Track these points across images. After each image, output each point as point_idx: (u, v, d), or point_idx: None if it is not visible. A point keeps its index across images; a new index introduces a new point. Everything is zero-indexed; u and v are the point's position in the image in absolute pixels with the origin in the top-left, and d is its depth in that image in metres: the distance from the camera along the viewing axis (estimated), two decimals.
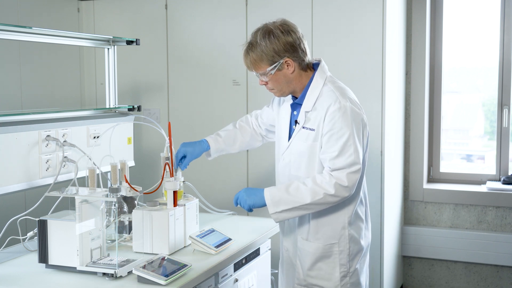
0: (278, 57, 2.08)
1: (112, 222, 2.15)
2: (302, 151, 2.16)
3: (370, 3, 3.39)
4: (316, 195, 2.05)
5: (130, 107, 2.88)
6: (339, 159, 2.06)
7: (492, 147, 4.06)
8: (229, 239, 2.29)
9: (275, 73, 2.11)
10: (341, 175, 2.05)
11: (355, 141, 2.07)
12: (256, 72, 2.15)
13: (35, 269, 2.01)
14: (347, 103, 2.09)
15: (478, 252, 3.88)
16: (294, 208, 2.09)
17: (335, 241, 2.18)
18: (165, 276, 1.85)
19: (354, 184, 2.07)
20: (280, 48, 2.08)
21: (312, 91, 2.15)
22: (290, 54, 2.10)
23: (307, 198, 2.06)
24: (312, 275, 2.21)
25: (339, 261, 2.18)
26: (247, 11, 3.71)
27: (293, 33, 2.11)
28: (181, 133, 3.88)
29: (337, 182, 2.04)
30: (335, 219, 2.18)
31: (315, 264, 2.20)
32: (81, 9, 4.20)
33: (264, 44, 2.07)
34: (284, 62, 2.10)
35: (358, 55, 3.44)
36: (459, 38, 4.12)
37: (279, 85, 2.15)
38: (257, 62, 2.11)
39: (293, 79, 2.15)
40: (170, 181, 2.20)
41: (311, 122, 2.14)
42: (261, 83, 2.19)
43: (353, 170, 2.05)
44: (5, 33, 2.30)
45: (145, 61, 4.02)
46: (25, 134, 2.22)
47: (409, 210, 4.11)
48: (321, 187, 2.05)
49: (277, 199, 2.11)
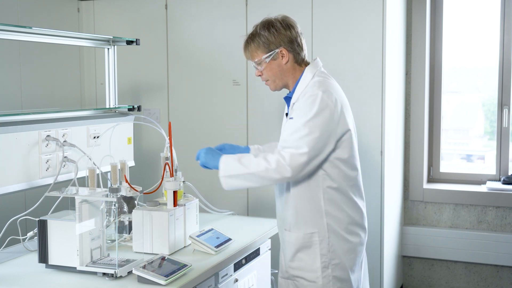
0: (274, 46, 2.19)
1: (112, 222, 2.15)
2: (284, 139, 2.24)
3: (370, 3, 3.39)
4: (259, 166, 2.10)
5: (130, 107, 2.88)
6: (290, 137, 2.12)
7: (492, 147, 4.06)
8: (229, 239, 2.29)
9: (269, 62, 2.20)
10: (285, 153, 2.09)
11: (312, 127, 2.08)
12: (252, 61, 2.24)
13: (35, 269, 2.02)
14: (319, 92, 2.12)
15: (478, 252, 3.88)
16: (239, 176, 2.13)
17: (315, 230, 2.18)
18: (165, 276, 1.86)
19: (297, 167, 2.07)
20: (277, 38, 2.19)
21: (301, 84, 2.22)
22: (286, 45, 2.20)
23: (252, 168, 2.11)
24: (294, 266, 2.22)
25: (319, 251, 2.18)
26: (247, 11, 3.71)
27: (292, 28, 2.22)
28: (181, 133, 3.88)
29: (279, 159, 2.08)
30: (313, 208, 2.19)
31: (296, 255, 2.21)
32: (81, 9, 4.20)
33: (262, 33, 2.20)
34: (279, 52, 2.19)
35: (358, 55, 3.44)
36: (459, 38, 4.12)
37: (273, 75, 2.23)
38: (254, 50, 2.21)
39: (286, 71, 2.23)
40: (170, 181, 2.20)
41: (294, 113, 2.19)
42: (257, 73, 2.27)
43: (297, 152, 2.07)
44: (5, 33, 2.30)
45: (145, 61, 4.02)
46: (25, 134, 2.22)
47: (409, 210, 4.11)
48: (265, 160, 2.10)
49: (228, 164, 2.16)
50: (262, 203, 3.71)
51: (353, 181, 2.23)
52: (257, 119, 3.74)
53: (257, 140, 3.74)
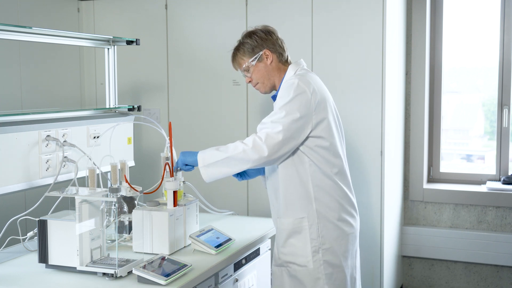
0: (258, 49, 2.33)
1: (112, 222, 2.15)
2: None
3: (370, 4, 3.39)
4: (236, 149, 2.17)
5: (130, 107, 2.88)
6: (267, 119, 2.21)
7: (492, 147, 4.06)
8: (229, 239, 2.29)
9: (256, 64, 2.34)
10: (261, 133, 2.17)
11: (288, 110, 2.17)
12: (240, 68, 2.38)
13: (35, 269, 2.02)
14: (295, 80, 2.24)
15: (478, 252, 3.88)
16: (218, 162, 2.19)
17: (304, 215, 2.25)
18: (165, 276, 1.86)
19: (273, 146, 2.14)
20: (259, 42, 2.34)
21: (285, 82, 2.33)
22: (268, 47, 2.34)
23: (229, 152, 2.18)
24: (285, 252, 2.27)
25: (309, 236, 2.24)
26: (247, 11, 3.71)
27: (272, 34, 2.38)
28: (181, 133, 3.88)
29: (256, 138, 2.15)
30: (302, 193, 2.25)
31: (287, 241, 2.27)
32: (81, 9, 4.19)
33: (246, 40, 2.36)
34: (263, 54, 2.33)
35: (358, 55, 3.44)
36: (459, 38, 4.12)
37: (261, 76, 2.35)
38: (241, 57, 2.36)
39: (272, 71, 2.35)
40: (170, 181, 2.20)
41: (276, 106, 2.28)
42: (247, 80, 2.40)
43: (273, 131, 2.15)
44: (5, 33, 2.30)
45: (145, 61, 4.02)
46: (25, 134, 2.22)
47: (409, 210, 4.11)
48: (242, 142, 2.17)
49: (206, 154, 2.22)
50: (262, 203, 3.71)
51: (337, 168, 2.30)
52: (257, 119, 3.74)
53: None
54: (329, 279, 2.23)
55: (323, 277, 2.23)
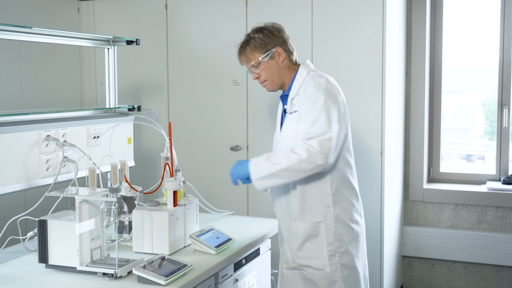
0: (271, 46, 2.30)
1: (112, 222, 2.15)
2: (290, 133, 2.29)
3: (370, 3, 3.39)
4: (290, 160, 2.15)
5: (130, 107, 2.88)
6: (311, 128, 2.18)
7: (492, 147, 4.06)
8: (229, 239, 2.29)
9: (267, 61, 2.30)
10: (313, 142, 2.15)
11: (329, 112, 2.18)
12: (249, 64, 2.32)
13: (35, 269, 2.02)
14: (322, 80, 2.24)
15: (478, 252, 3.88)
16: (273, 174, 2.19)
17: (321, 219, 2.25)
18: (165, 276, 1.86)
19: (328, 152, 2.14)
20: (272, 39, 2.31)
21: (297, 80, 2.32)
22: (281, 44, 2.32)
23: (283, 164, 2.16)
24: (301, 256, 2.28)
25: (326, 240, 2.25)
26: (247, 11, 3.71)
27: (282, 31, 2.36)
28: (181, 133, 3.88)
29: (309, 148, 2.14)
30: (319, 198, 2.26)
31: (304, 244, 2.27)
32: (81, 9, 4.20)
33: (257, 36, 2.31)
34: (276, 51, 2.30)
35: (358, 55, 3.44)
36: (459, 38, 4.12)
37: (272, 74, 2.32)
38: (251, 53, 2.31)
39: (283, 70, 2.33)
40: (170, 181, 2.20)
41: (296, 106, 2.28)
42: (254, 76, 2.35)
43: (325, 138, 2.15)
44: (5, 33, 2.30)
45: (145, 61, 4.02)
46: (25, 134, 2.22)
47: (409, 210, 4.11)
48: (295, 153, 2.15)
49: (258, 166, 2.22)
50: (262, 203, 3.71)
51: (352, 168, 2.33)
52: (257, 119, 3.74)
53: (257, 140, 3.74)
54: (345, 282, 2.25)
55: (340, 280, 2.25)
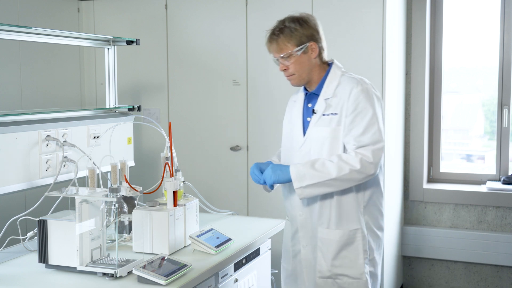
0: (306, 39, 2.20)
1: (112, 222, 2.15)
2: (325, 137, 2.19)
3: (370, 3, 3.39)
4: (342, 170, 2.08)
5: (130, 107, 2.88)
6: (364, 136, 2.12)
7: (492, 147, 4.06)
8: (229, 239, 2.29)
9: (300, 55, 2.19)
10: (366, 151, 2.09)
11: (378, 120, 2.14)
12: (280, 54, 2.20)
13: (35, 269, 2.01)
14: (368, 86, 2.19)
15: (478, 252, 3.88)
16: (319, 184, 2.11)
17: (358, 227, 2.20)
18: (165, 276, 1.86)
19: (379, 161, 2.11)
20: (309, 32, 2.21)
21: (331, 80, 2.24)
22: (316, 40, 2.23)
23: (332, 173, 2.09)
24: (337, 265, 2.21)
25: (362, 247, 2.19)
26: (247, 11, 3.71)
27: (318, 25, 2.27)
28: (181, 133, 3.88)
29: (363, 158, 2.08)
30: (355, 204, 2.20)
31: (340, 253, 2.20)
32: (81, 9, 4.20)
33: (294, 26, 2.20)
34: (310, 46, 2.20)
35: (358, 55, 3.44)
36: (459, 38, 4.12)
37: (301, 69, 2.21)
38: (284, 43, 2.19)
39: (314, 66, 2.24)
40: (170, 181, 2.20)
41: (333, 108, 2.19)
42: (282, 68, 2.23)
43: (377, 147, 2.11)
44: (5, 33, 2.30)
45: (145, 61, 4.02)
46: (25, 134, 2.22)
47: (409, 210, 4.11)
48: (347, 163, 2.09)
49: (302, 173, 2.13)
50: (262, 203, 3.71)
51: (383, 175, 2.30)
52: (257, 119, 3.74)
53: (257, 140, 3.74)
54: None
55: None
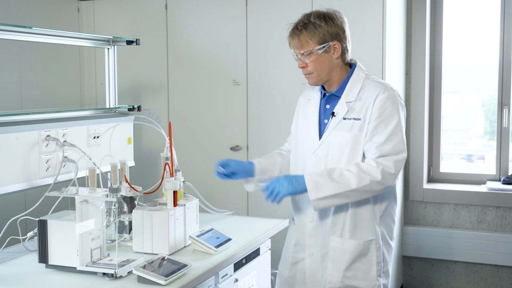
0: (330, 37, 2.08)
1: (112, 222, 2.15)
2: (345, 142, 2.09)
3: (370, 3, 3.39)
4: (362, 181, 2.00)
5: (130, 107, 2.88)
6: (387, 145, 2.03)
7: (492, 147, 4.06)
8: (229, 239, 2.29)
9: (321, 54, 2.08)
10: (388, 162, 2.02)
11: (402, 130, 2.07)
12: (300, 50, 2.10)
13: (35, 269, 2.01)
14: (395, 92, 2.11)
15: (478, 252, 3.88)
16: (337, 195, 2.02)
17: (373, 237, 2.12)
18: (165, 276, 1.85)
19: (399, 173, 2.05)
20: (334, 31, 2.09)
21: (354, 82, 2.14)
22: (340, 39, 2.11)
23: (352, 184, 2.00)
24: (349, 276, 2.12)
25: (376, 259, 2.12)
26: (247, 11, 3.71)
27: (345, 23, 2.15)
28: (181, 133, 3.88)
29: (384, 169, 2.01)
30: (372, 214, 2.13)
31: (353, 264, 2.12)
32: (81, 9, 4.20)
33: (319, 23, 2.08)
34: (333, 45, 2.10)
35: (358, 55, 3.42)
36: (459, 38, 4.12)
37: (321, 68, 2.10)
38: (307, 39, 2.08)
39: (335, 67, 2.13)
40: (170, 181, 2.20)
41: (356, 112, 2.10)
42: (300, 64, 2.13)
43: (400, 158, 2.03)
44: (5, 33, 2.30)
45: (145, 61, 4.02)
46: (25, 134, 2.22)
47: (409, 210, 4.11)
48: (368, 173, 2.00)
49: (319, 184, 2.03)
50: (262, 203, 3.71)
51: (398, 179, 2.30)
52: (257, 119, 3.74)
53: (257, 140, 3.74)
54: None
55: None
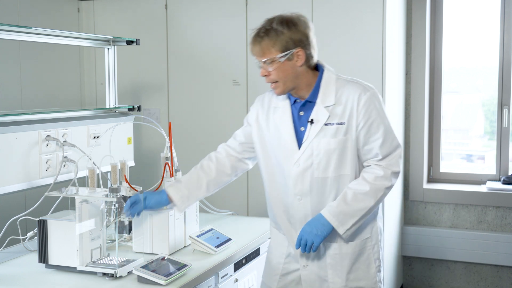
0: (292, 45, 1.98)
1: (112, 222, 2.15)
2: (332, 148, 2.01)
3: (370, 3, 3.39)
4: (377, 194, 1.99)
5: (130, 107, 2.89)
6: (385, 145, 2.01)
7: (492, 147, 4.06)
8: (229, 239, 2.29)
9: (283, 62, 1.98)
10: (392, 161, 2.01)
11: (391, 125, 2.06)
12: (262, 58, 2.00)
13: (35, 269, 2.02)
14: (374, 90, 2.06)
15: (478, 252, 3.88)
16: (362, 217, 2.00)
17: (368, 235, 2.10)
18: (165, 276, 1.86)
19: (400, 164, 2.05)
20: (297, 37, 1.98)
21: (327, 85, 2.05)
22: (303, 46, 2.00)
23: (370, 202, 1.98)
24: (351, 278, 2.08)
25: (373, 256, 2.10)
26: (247, 11, 3.71)
27: (308, 27, 2.04)
28: (181, 133, 3.88)
29: (392, 171, 2.00)
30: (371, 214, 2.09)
31: (354, 265, 2.08)
32: (81, 9, 4.20)
33: (281, 29, 1.98)
34: (296, 53, 1.99)
35: (358, 55, 3.44)
36: (459, 38, 4.12)
37: (285, 77, 2.00)
38: (268, 47, 1.98)
39: (300, 74, 2.02)
40: (170, 181, 2.20)
41: (338, 117, 2.01)
42: (263, 73, 2.03)
43: (399, 153, 2.03)
44: (5, 33, 2.30)
45: (145, 61, 4.02)
46: (25, 134, 2.22)
47: (409, 210, 4.11)
48: (379, 184, 1.99)
49: (341, 217, 1.98)
50: (262, 203, 3.70)
51: None
52: None
53: None
54: None
55: None
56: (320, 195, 2.04)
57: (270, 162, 2.15)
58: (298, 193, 2.06)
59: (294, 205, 2.07)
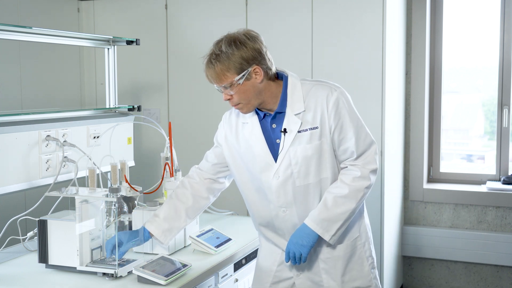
0: (247, 64, 1.91)
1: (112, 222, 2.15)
2: (310, 154, 1.98)
3: (370, 3, 3.39)
4: (358, 193, 1.97)
5: (130, 107, 2.88)
6: (359, 144, 1.98)
7: (492, 147, 4.06)
8: (229, 239, 2.29)
9: (243, 83, 1.93)
10: (368, 158, 1.99)
11: (363, 122, 2.04)
12: (220, 84, 1.96)
13: (35, 269, 2.02)
14: (341, 89, 2.03)
15: (478, 252, 3.88)
16: (345, 220, 1.98)
17: (357, 234, 2.09)
18: (165, 276, 1.86)
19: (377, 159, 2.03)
20: (248, 55, 1.91)
21: (293, 92, 2.00)
22: (258, 62, 1.93)
23: (352, 203, 1.97)
24: (346, 280, 2.07)
25: (365, 254, 2.09)
26: (247, 11, 3.71)
27: (258, 41, 1.96)
28: (181, 133, 3.88)
29: (370, 170, 1.98)
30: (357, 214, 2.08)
31: (347, 266, 2.07)
32: (81, 9, 4.20)
33: (231, 51, 1.91)
34: (253, 70, 1.92)
35: (358, 55, 3.44)
36: (459, 38, 4.12)
37: (247, 97, 1.96)
38: (223, 72, 1.93)
39: (263, 90, 1.97)
40: (170, 181, 2.20)
41: (310, 122, 1.98)
42: (226, 97, 1.99)
43: (374, 149, 2.01)
44: (5, 33, 2.30)
45: (145, 61, 4.02)
46: (25, 134, 2.22)
47: (409, 210, 4.11)
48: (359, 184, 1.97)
49: (325, 224, 1.96)
50: None
51: None
52: None
53: None
54: None
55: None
56: (305, 203, 2.01)
57: (246, 178, 2.11)
58: (282, 205, 2.02)
59: (279, 217, 2.04)
